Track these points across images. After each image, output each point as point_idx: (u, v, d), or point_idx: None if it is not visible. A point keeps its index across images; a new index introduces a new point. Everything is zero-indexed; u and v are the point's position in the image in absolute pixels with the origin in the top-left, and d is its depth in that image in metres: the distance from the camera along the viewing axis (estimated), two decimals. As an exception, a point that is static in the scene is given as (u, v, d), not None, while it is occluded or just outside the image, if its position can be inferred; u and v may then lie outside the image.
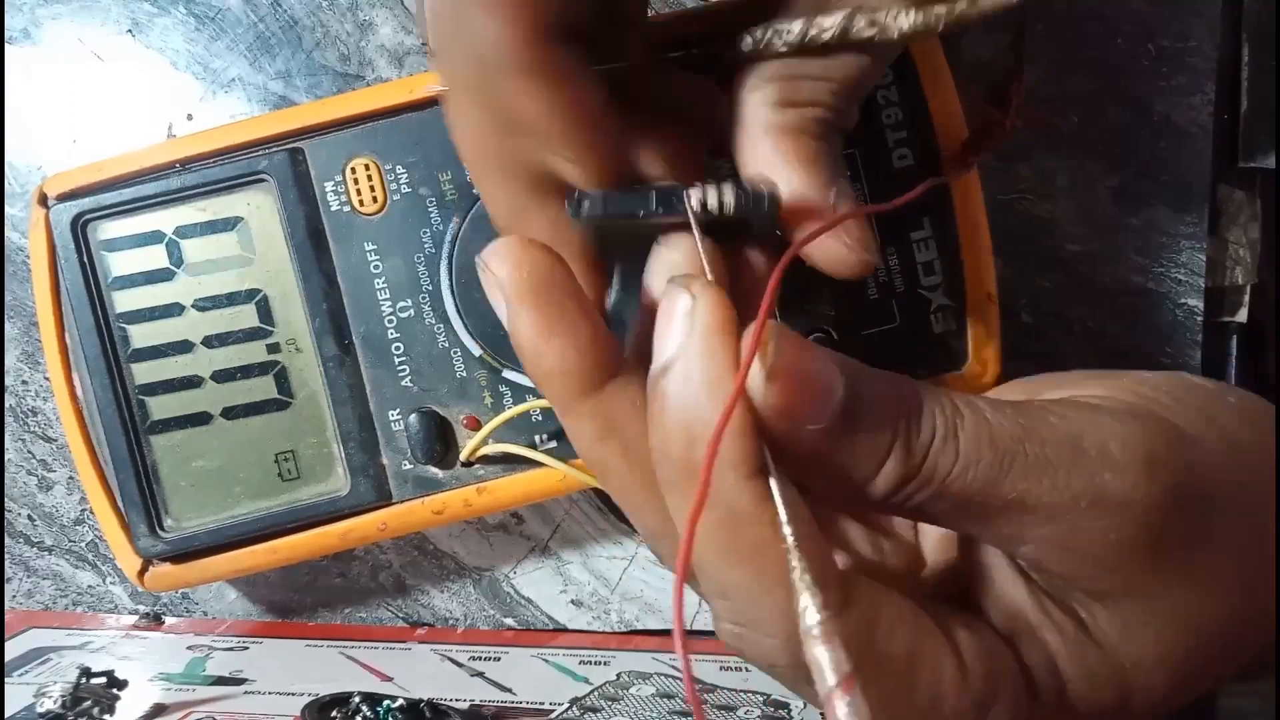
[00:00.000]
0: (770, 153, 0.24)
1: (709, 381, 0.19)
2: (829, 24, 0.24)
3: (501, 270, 0.21)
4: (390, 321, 0.33)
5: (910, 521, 0.26)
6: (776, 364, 0.20)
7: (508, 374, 0.33)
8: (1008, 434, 0.21)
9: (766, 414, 0.20)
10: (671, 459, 0.20)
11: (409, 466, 0.33)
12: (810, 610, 0.19)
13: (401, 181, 0.33)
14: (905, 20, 0.23)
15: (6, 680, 0.34)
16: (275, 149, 0.33)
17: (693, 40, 0.29)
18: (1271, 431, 0.24)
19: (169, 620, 0.39)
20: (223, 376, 0.33)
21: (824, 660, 0.19)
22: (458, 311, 0.33)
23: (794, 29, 0.24)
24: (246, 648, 0.37)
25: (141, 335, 0.33)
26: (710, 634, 0.37)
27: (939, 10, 0.23)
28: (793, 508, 0.20)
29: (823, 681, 0.18)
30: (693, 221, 0.22)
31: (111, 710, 0.32)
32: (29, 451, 0.39)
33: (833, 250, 0.24)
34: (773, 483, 0.20)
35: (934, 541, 0.26)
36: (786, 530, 0.19)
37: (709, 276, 0.22)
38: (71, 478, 0.39)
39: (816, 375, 0.20)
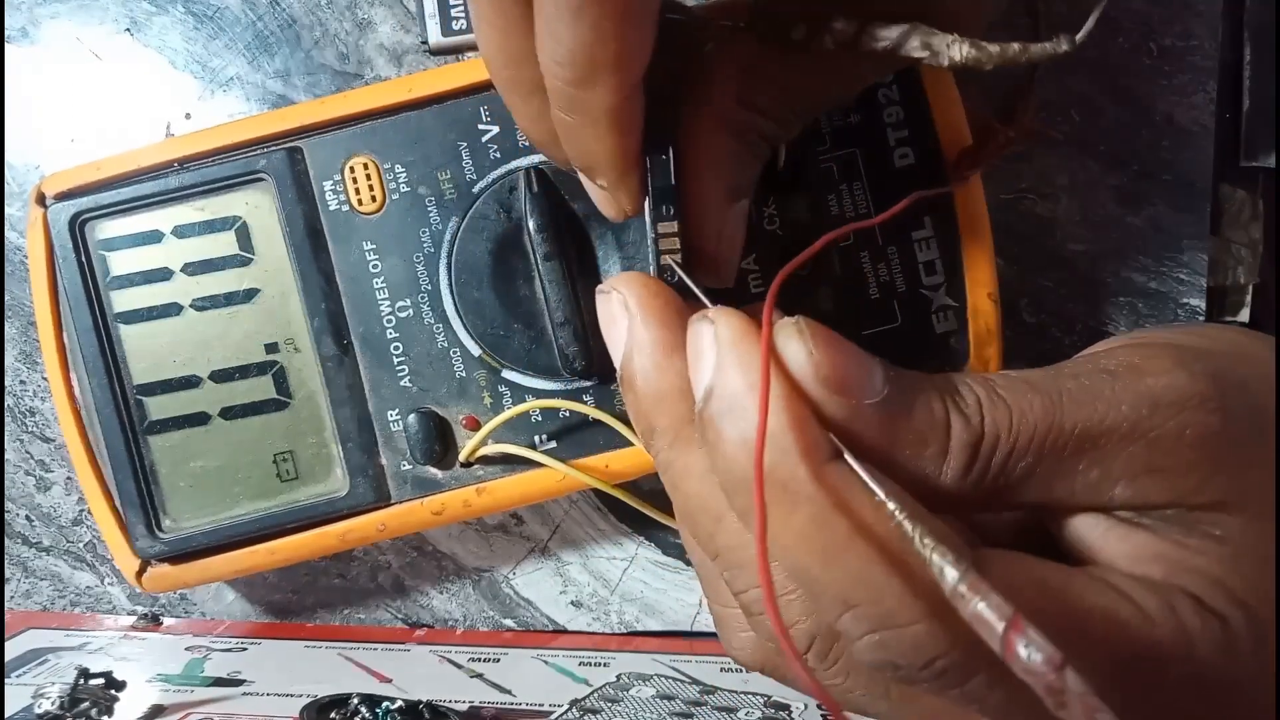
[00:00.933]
0: (708, 144, 0.25)
1: (753, 385, 0.19)
2: (883, 34, 0.23)
3: (630, 291, 0.23)
4: (389, 321, 0.33)
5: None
6: (814, 337, 0.20)
7: (507, 374, 0.33)
8: (1040, 378, 0.21)
9: (822, 389, 0.20)
10: (743, 480, 0.19)
11: (408, 467, 0.33)
12: (947, 569, 0.18)
13: (400, 181, 0.33)
14: (958, 50, 0.23)
15: (5, 681, 0.34)
16: (274, 148, 0.33)
17: (743, 14, 0.29)
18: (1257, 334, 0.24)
19: (167, 621, 0.39)
20: (221, 377, 0.33)
21: (983, 611, 0.17)
22: (457, 311, 0.33)
23: (849, 31, 0.24)
24: (245, 649, 0.37)
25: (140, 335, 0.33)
26: (710, 635, 0.38)
27: (992, 49, 0.23)
28: (882, 481, 0.19)
29: (991, 634, 0.17)
30: (694, 290, 0.24)
31: (110, 711, 0.32)
32: (27, 452, 0.39)
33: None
34: (850, 459, 0.19)
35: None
36: (892, 504, 0.19)
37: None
38: (69, 478, 0.39)
39: (852, 348, 0.20)
